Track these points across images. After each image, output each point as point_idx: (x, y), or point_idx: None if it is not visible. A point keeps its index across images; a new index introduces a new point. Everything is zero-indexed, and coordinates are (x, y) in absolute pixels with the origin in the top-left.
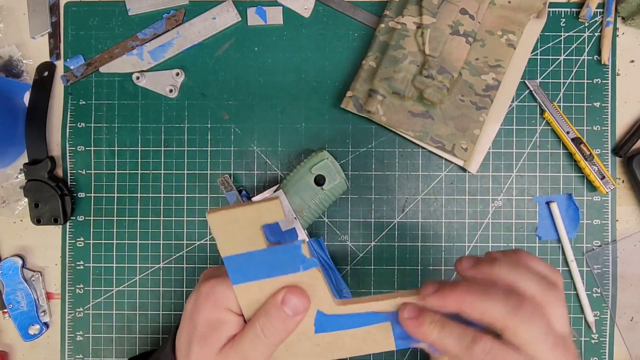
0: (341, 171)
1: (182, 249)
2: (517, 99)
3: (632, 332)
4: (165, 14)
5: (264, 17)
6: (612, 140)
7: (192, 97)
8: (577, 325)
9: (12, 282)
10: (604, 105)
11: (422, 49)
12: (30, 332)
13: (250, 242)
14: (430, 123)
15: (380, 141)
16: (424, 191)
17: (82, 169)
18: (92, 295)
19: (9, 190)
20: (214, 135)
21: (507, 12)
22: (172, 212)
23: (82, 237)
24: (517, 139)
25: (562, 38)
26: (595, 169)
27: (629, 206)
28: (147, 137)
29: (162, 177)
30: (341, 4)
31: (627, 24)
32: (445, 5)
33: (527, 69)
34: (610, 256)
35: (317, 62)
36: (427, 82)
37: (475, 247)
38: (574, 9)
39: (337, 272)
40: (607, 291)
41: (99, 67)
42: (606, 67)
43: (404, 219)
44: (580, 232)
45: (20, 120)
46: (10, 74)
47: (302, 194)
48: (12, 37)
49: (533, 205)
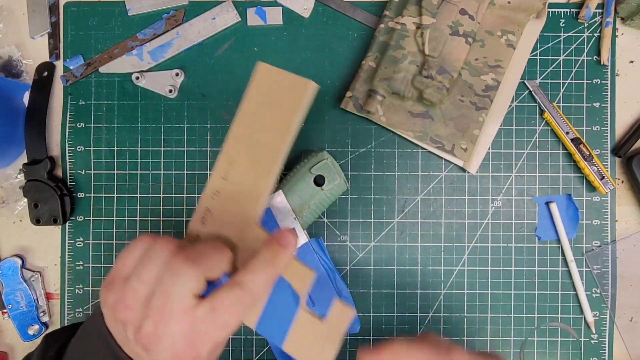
0: (341, 171)
1: None
2: (517, 99)
3: (631, 333)
4: (165, 14)
5: (263, 18)
6: (611, 141)
7: (191, 97)
8: (576, 325)
9: (11, 283)
10: (604, 106)
11: (421, 49)
12: (29, 333)
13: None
14: (430, 123)
15: (380, 141)
16: (424, 191)
17: (81, 169)
18: (91, 296)
19: (9, 191)
20: (214, 136)
21: (507, 13)
22: (172, 212)
23: (82, 237)
24: (517, 139)
25: (561, 38)
26: (594, 169)
27: (628, 206)
28: (146, 137)
29: (162, 177)
30: (341, 4)
31: (627, 24)
32: (445, 6)
33: (527, 69)
34: (610, 256)
35: (317, 62)
36: (426, 83)
37: (475, 247)
38: (573, 10)
39: (336, 273)
40: (607, 291)
41: (98, 67)
42: (606, 67)
43: (403, 219)
44: (579, 232)
45: (19, 120)
46: (10, 74)
47: (302, 195)
48: (11, 37)
49: (532, 206)
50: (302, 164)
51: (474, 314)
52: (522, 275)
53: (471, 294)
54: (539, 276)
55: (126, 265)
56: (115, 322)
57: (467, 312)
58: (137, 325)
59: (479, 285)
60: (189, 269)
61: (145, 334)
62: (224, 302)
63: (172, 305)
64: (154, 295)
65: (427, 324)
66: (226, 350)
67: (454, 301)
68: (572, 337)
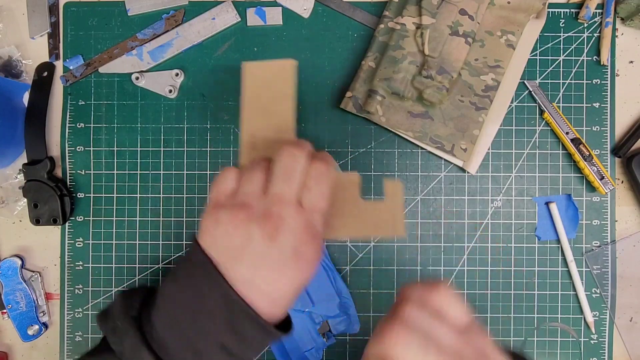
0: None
1: (181, 250)
2: (517, 100)
3: (631, 333)
4: (164, 15)
5: (263, 18)
6: (611, 141)
7: (191, 98)
8: (576, 325)
9: (11, 283)
10: (603, 106)
11: (421, 50)
12: (29, 333)
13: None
14: (430, 123)
15: (380, 142)
16: (424, 191)
17: (81, 169)
18: (91, 296)
19: (8, 191)
20: (214, 136)
21: (507, 13)
22: (172, 212)
23: (81, 237)
24: (517, 139)
25: (561, 38)
26: (594, 169)
27: (628, 206)
28: (146, 137)
29: (162, 177)
30: (340, 5)
31: (626, 24)
32: (445, 6)
33: (527, 70)
34: (610, 257)
35: (317, 62)
36: (426, 83)
37: (474, 248)
38: (573, 10)
39: (336, 273)
40: (607, 291)
41: (98, 68)
42: (605, 67)
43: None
44: (579, 232)
45: (19, 120)
46: (10, 74)
47: None
48: (11, 37)
49: (532, 206)
50: None
51: (473, 314)
52: (522, 276)
53: (471, 294)
54: (539, 276)
55: (227, 186)
56: (229, 234)
57: None
58: (260, 215)
59: (479, 286)
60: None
61: (271, 218)
62: (312, 176)
63: (285, 194)
64: (268, 192)
65: None
66: None
67: None
68: (572, 337)
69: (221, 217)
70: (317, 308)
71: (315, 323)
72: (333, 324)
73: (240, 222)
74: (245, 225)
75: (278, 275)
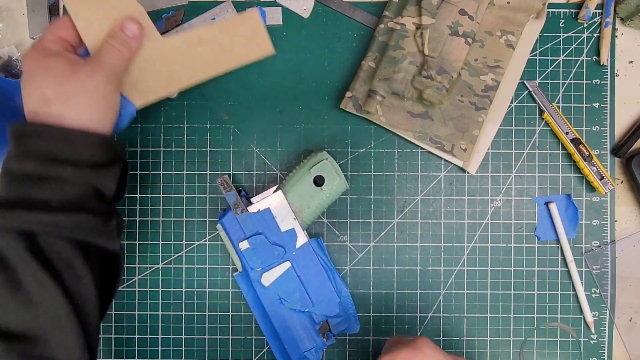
0: (340, 172)
1: (181, 249)
2: (516, 100)
3: (631, 333)
4: (164, 14)
5: (263, 18)
6: (611, 141)
7: (191, 98)
8: (576, 325)
9: None
10: (603, 106)
11: (421, 50)
12: None
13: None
14: (430, 123)
15: (380, 142)
16: (423, 191)
17: None
18: None
19: None
20: (214, 136)
21: (507, 13)
22: (172, 212)
23: None
24: (516, 139)
25: (561, 39)
26: (594, 169)
27: (628, 207)
28: (146, 137)
29: (162, 177)
30: (340, 5)
31: (626, 24)
32: (445, 6)
33: (526, 70)
34: (609, 257)
35: (317, 62)
36: (426, 83)
37: (474, 248)
38: (573, 10)
39: (336, 273)
40: (606, 292)
41: None
42: (605, 67)
43: (403, 219)
44: (579, 232)
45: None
46: (10, 74)
47: (302, 195)
48: (11, 37)
49: (532, 206)
50: (302, 164)
51: (473, 314)
52: (522, 276)
53: (471, 294)
54: (539, 276)
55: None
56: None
57: (466, 313)
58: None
59: (479, 286)
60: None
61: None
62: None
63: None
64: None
65: (426, 324)
66: (226, 350)
67: (453, 301)
68: (571, 337)
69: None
70: (317, 308)
71: (315, 323)
72: (333, 324)
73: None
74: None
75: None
